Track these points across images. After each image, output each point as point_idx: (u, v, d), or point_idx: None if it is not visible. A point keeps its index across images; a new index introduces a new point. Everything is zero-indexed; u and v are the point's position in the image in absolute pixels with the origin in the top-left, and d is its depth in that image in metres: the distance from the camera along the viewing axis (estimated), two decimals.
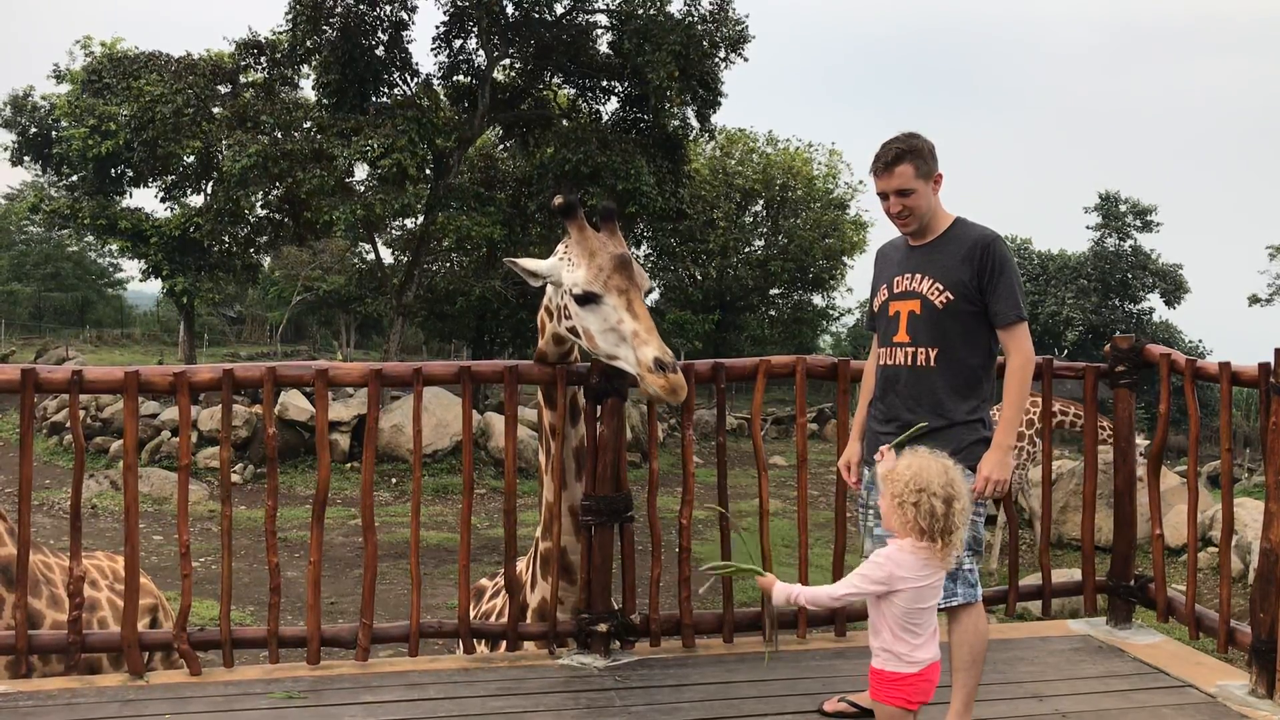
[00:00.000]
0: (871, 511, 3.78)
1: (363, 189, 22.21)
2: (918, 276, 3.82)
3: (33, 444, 4.27)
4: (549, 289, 4.17)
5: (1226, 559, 4.63)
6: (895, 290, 3.88)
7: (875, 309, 4.01)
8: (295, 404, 19.70)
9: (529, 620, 4.54)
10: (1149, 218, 37.51)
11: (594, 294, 3.91)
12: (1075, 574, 5.83)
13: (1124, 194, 37.88)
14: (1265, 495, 4.16)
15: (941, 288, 3.76)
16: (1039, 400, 5.43)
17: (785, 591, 3.34)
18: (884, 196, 3.84)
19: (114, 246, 32.02)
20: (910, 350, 3.81)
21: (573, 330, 4.08)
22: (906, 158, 3.76)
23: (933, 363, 3.77)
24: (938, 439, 3.71)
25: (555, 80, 24.50)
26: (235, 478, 17.82)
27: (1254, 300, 36.68)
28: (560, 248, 4.10)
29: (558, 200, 4.02)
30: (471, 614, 4.66)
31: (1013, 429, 3.74)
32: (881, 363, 3.95)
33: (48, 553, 4.76)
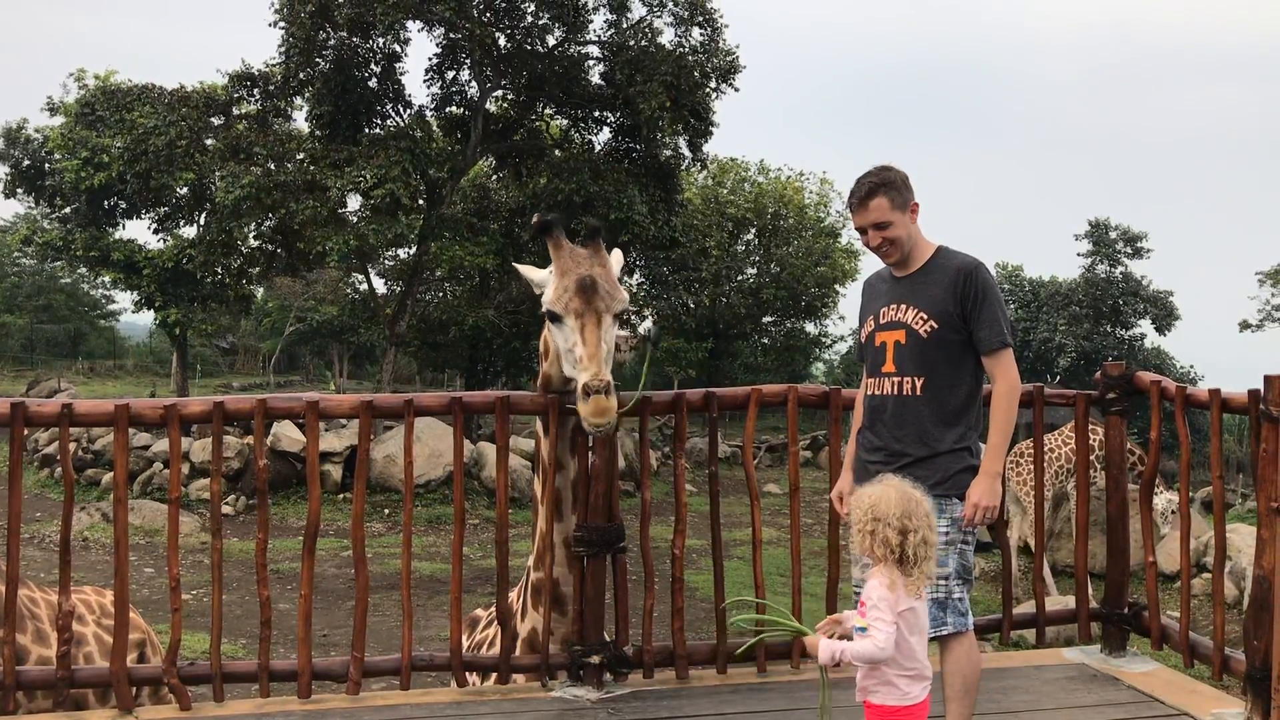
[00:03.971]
0: None
1: (356, 219, 22.24)
2: (903, 307, 3.83)
3: (22, 476, 4.24)
4: None
5: (1220, 586, 4.62)
6: (881, 321, 3.90)
7: (863, 340, 4.02)
8: (288, 434, 19.61)
9: (519, 649, 4.51)
10: (1139, 244, 37.69)
11: (556, 314, 3.96)
12: (1069, 601, 5.81)
13: (1114, 221, 38.10)
14: (1258, 521, 4.16)
15: (926, 317, 3.77)
16: (1098, 429, 5.44)
17: (830, 650, 3.24)
18: (863, 231, 3.86)
19: (106, 278, 32.05)
20: (897, 380, 3.82)
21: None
22: (880, 191, 3.78)
23: (919, 392, 3.77)
24: (924, 468, 3.72)
25: (548, 111, 24.64)
26: (227, 509, 17.72)
27: (1244, 326, 36.82)
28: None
29: (535, 219, 4.12)
30: (466, 644, 4.62)
31: (1000, 455, 3.75)
32: (869, 393, 3.95)
33: (33, 587, 4.72)
